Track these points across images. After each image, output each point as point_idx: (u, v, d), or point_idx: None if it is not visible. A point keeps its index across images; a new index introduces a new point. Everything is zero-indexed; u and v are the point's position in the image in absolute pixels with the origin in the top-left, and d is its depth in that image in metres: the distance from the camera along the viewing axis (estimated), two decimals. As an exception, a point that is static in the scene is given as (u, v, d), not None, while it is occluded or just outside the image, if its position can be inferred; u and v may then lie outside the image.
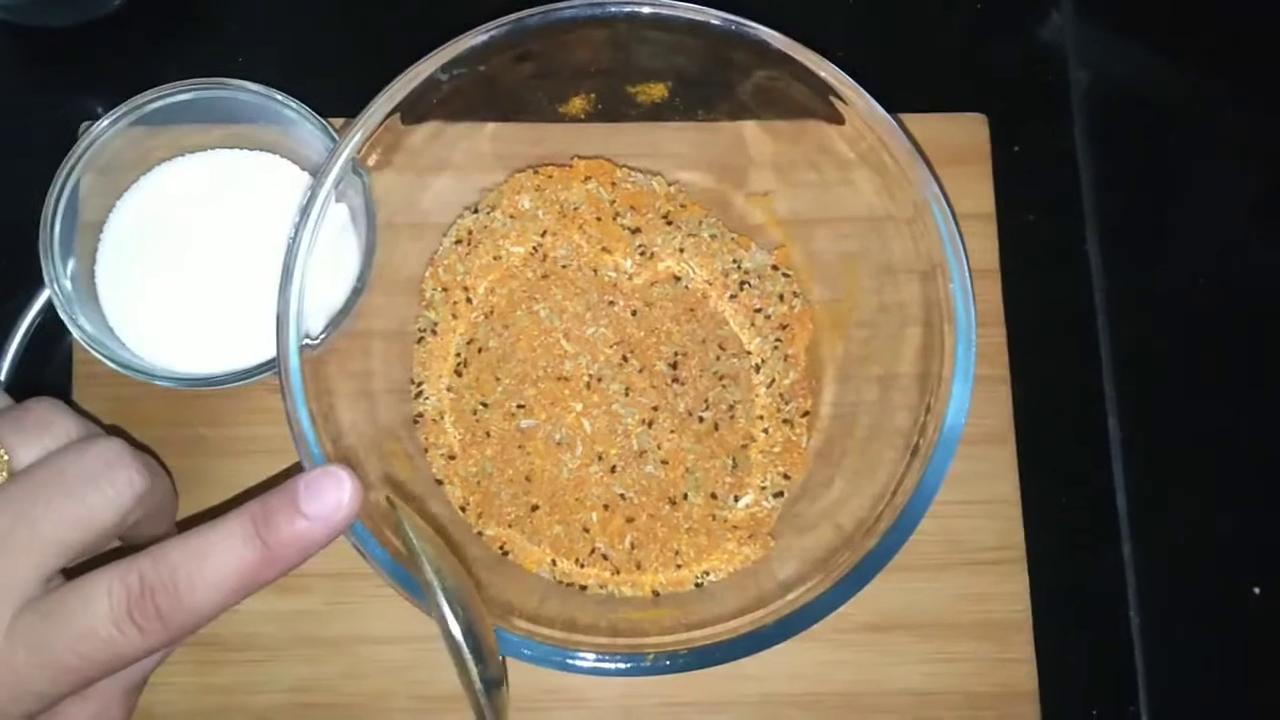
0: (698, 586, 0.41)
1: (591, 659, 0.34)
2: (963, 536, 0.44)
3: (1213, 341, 0.49)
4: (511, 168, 0.46)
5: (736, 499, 0.43)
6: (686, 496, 0.42)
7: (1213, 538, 0.46)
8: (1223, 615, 0.46)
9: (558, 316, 0.44)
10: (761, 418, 0.44)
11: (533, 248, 0.45)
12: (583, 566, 0.41)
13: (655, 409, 0.43)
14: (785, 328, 0.45)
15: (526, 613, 0.36)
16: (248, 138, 0.45)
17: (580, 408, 0.43)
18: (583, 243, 0.45)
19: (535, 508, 0.42)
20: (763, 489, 0.43)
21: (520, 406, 0.43)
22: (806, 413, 0.44)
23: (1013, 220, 0.47)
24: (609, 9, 0.38)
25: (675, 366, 0.43)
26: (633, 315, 0.44)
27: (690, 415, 0.43)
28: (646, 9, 0.38)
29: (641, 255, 0.45)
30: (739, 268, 0.45)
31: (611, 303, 0.44)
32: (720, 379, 0.44)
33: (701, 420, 0.43)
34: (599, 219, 0.45)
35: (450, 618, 0.31)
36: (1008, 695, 0.42)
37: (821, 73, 0.38)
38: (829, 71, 0.38)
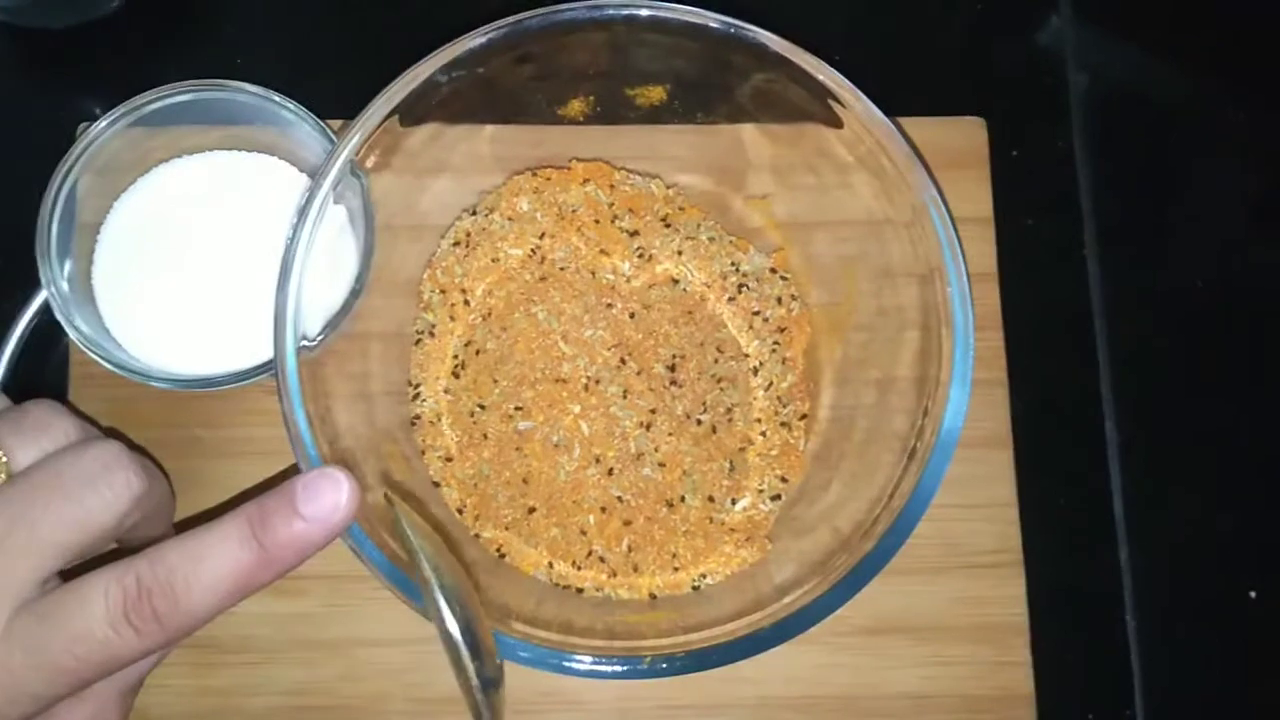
0: (695, 589, 0.41)
1: (588, 661, 0.34)
2: (960, 540, 0.44)
3: (1210, 343, 0.49)
4: (510, 170, 0.46)
5: (734, 502, 0.43)
6: (684, 499, 0.42)
7: (1210, 540, 0.46)
8: (1219, 618, 0.46)
9: (556, 319, 0.44)
10: (759, 421, 0.44)
11: (531, 250, 0.45)
12: (580, 569, 0.41)
13: (653, 411, 0.43)
14: (783, 331, 0.45)
15: (523, 615, 0.36)
16: (246, 139, 0.45)
17: (578, 410, 0.42)
18: (581, 245, 0.45)
19: (532, 510, 0.42)
20: (760, 492, 0.43)
21: (518, 409, 0.43)
22: (804, 416, 0.44)
23: (1011, 223, 0.47)
24: (608, 12, 0.38)
25: (673, 369, 0.43)
26: (631, 318, 0.44)
27: (688, 418, 0.43)
28: (645, 12, 0.38)
29: (640, 258, 0.45)
30: (737, 270, 0.45)
31: (609, 305, 0.44)
32: (718, 382, 0.44)
33: (699, 423, 0.43)
34: (597, 221, 0.45)
35: (447, 614, 0.31)
36: (1005, 698, 0.42)
37: (820, 76, 0.38)
38: (827, 75, 0.38)
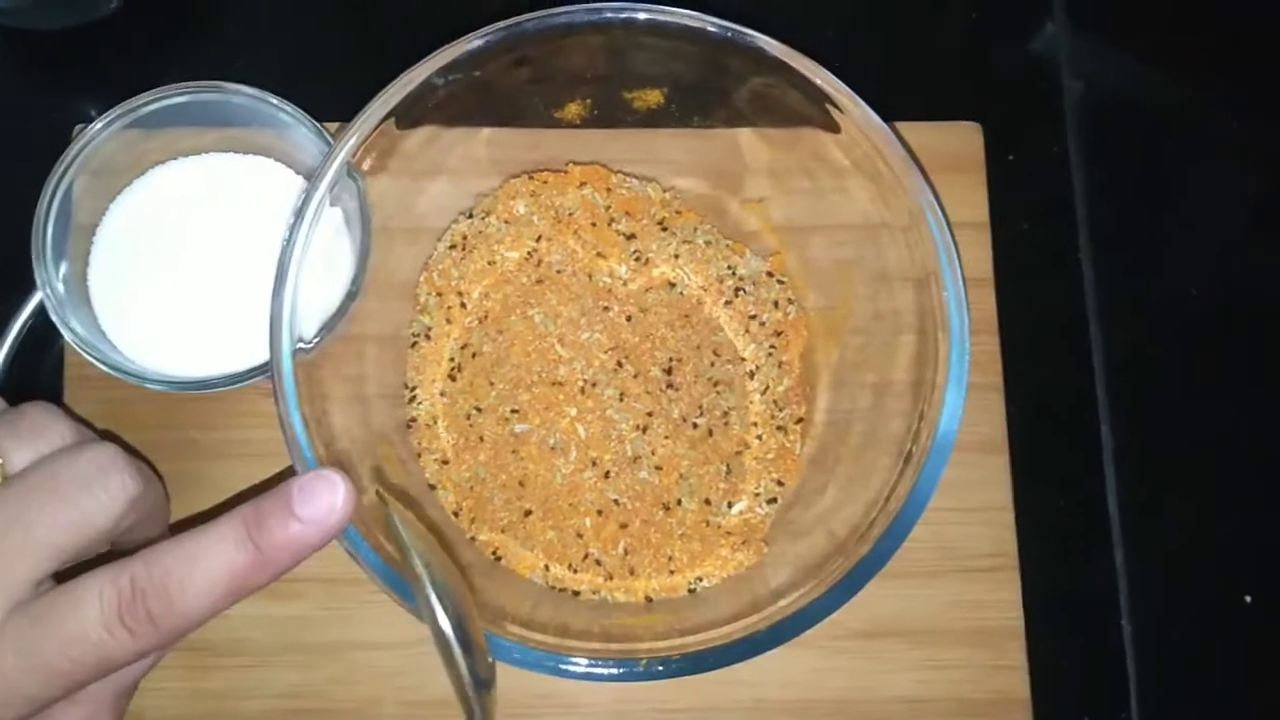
0: (691, 592, 0.41)
1: (584, 664, 0.34)
2: (956, 543, 0.44)
3: (1205, 349, 0.49)
4: (507, 173, 0.46)
5: (730, 505, 0.43)
6: (680, 502, 0.42)
7: (1205, 545, 0.47)
8: (1215, 623, 0.46)
9: (552, 322, 0.44)
10: (755, 424, 0.44)
11: (527, 253, 0.45)
12: (576, 572, 0.41)
13: (649, 415, 0.43)
14: (780, 334, 0.45)
15: (519, 618, 0.36)
16: (242, 141, 0.45)
17: (574, 413, 0.42)
18: (578, 248, 0.45)
19: (528, 513, 0.42)
20: (756, 495, 0.43)
21: (514, 411, 0.43)
22: (800, 419, 0.44)
23: (1007, 228, 0.47)
24: (606, 15, 0.38)
25: (670, 372, 0.43)
26: (627, 321, 0.44)
27: (684, 421, 0.43)
28: (643, 15, 0.38)
29: (636, 261, 0.45)
30: (734, 274, 0.45)
31: (606, 308, 0.44)
32: (714, 385, 0.44)
33: (695, 426, 0.43)
34: (594, 224, 0.45)
35: (439, 610, 0.31)
36: (1000, 702, 0.42)
37: (817, 80, 0.38)
38: (825, 79, 0.38)
